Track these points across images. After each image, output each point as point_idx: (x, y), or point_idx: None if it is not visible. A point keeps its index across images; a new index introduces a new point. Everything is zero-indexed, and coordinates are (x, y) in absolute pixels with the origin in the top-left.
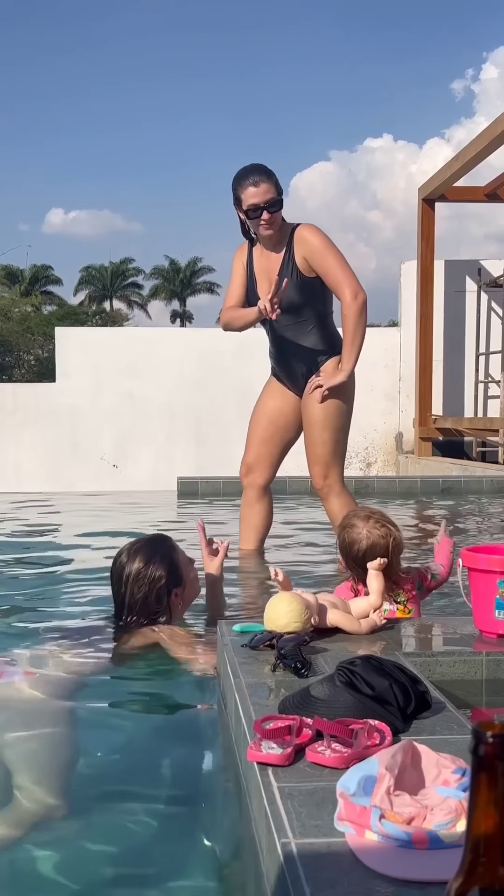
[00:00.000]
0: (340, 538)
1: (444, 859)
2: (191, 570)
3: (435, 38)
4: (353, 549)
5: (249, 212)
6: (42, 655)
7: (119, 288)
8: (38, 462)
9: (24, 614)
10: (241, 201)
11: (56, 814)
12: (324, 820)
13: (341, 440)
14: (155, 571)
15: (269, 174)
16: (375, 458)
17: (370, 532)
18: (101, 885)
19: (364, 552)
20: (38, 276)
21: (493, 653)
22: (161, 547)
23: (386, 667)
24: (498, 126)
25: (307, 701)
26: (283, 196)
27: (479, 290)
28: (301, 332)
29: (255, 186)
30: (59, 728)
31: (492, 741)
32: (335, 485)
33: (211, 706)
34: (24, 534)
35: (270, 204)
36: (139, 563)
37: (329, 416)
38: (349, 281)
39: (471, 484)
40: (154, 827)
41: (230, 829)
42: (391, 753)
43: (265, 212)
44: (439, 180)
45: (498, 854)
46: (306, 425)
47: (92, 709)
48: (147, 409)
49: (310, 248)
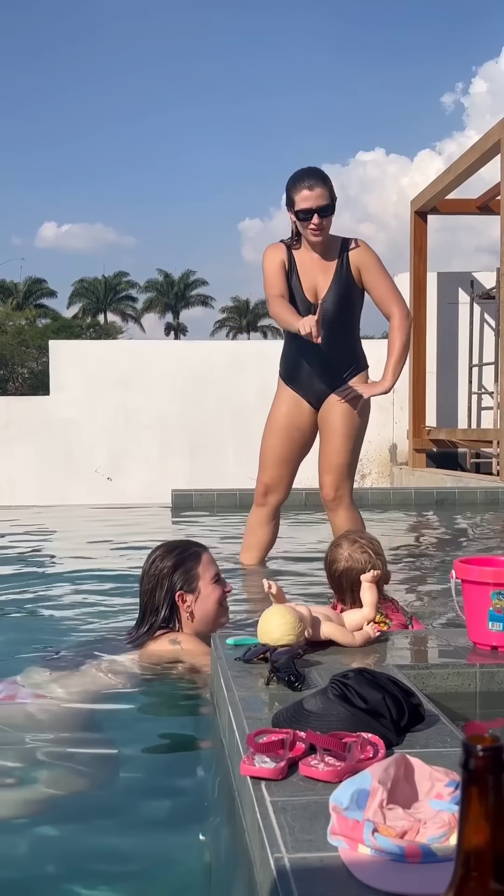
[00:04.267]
0: (327, 553)
1: (437, 873)
2: (210, 587)
3: (425, 52)
4: (332, 567)
5: (301, 214)
6: (47, 675)
7: (113, 301)
8: (32, 475)
9: (25, 630)
10: (294, 203)
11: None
12: (317, 834)
13: (357, 454)
14: (163, 564)
15: (324, 179)
16: (370, 470)
17: (350, 555)
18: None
19: (340, 573)
20: (32, 290)
21: (486, 665)
22: (182, 548)
23: (379, 680)
24: (489, 139)
25: (300, 714)
26: (335, 202)
27: (471, 302)
28: (336, 341)
29: (310, 190)
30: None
31: (482, 755)
32: (345, 497)
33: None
34: (19, 548)
35: (322, 209)
36: (155, 555)
37: (352, 427)
38: (401, 301)
39: (465, 495)
40: (146, 841)
41: (223, 843)
42: (384, 767)
43: (316, 216)
44: (431, 193)
45: (489, 868)
46: (327, 434)
47: (89, 725)
48: (141, 421)
49: (366, 262)
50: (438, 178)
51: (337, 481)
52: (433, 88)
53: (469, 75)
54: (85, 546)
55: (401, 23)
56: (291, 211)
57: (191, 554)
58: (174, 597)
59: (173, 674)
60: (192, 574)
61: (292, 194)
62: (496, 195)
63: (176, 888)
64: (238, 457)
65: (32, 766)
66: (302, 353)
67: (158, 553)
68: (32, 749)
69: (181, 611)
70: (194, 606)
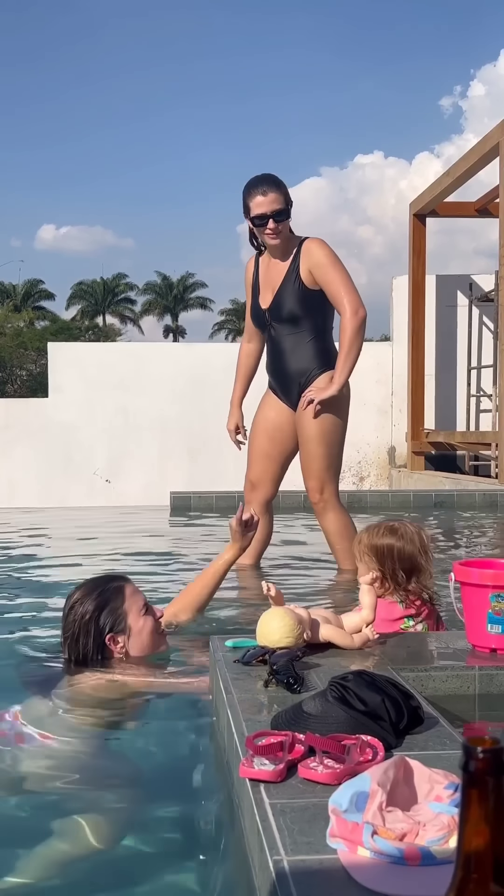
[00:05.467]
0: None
1: (436, 875)
2: (140, 620)
3: (423, 55)
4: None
5: (256, 220)
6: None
7: (112, 303)
8: (31, 477)
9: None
10: (250, 210)
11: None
12: (316, 836)
13: (337, 455)
14: (83, 609)
15: (277, 184)
16: (368, 473)
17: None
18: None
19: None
20: (31, 292)
21: (485, 667)
22: (102, 586)
23: (378, 682)
24: (487, 142)
25: (299, 717)
26: (290, 206)
27: (470, 305)
28: (298, 343)
29: (263, 195)
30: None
31: (482, 757)
32: (331, 499)
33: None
34: (15, 552)
35: (277, 213)
36: (73, 599)
37: (324, 430)
38: (351, 296)
39: (463, 498)
40: (144, 843)
41: (222, 845)
42: (383, 769)
43: (271, 220)
44: (430, 196)
45: (489, 870)
46: (302, 440)
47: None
48: (140, 423)
49: (316, 260)
50: (437, 181)
51: (319, 485)
52: (431, 91)
53: (467, 78)
54: (82, 548)
55: (399, 25)
56: (248, 218)
57: (113, 591)
58: (104, 640)
59: (170, 678)
60: (119, 613)
61: (247, 201)
62: (495, 198)
63: (174, 891)
64: (237, 459)
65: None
66: (272, 355)
67: (77, 597)
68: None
69: (115, 653)
70: (128, 645)
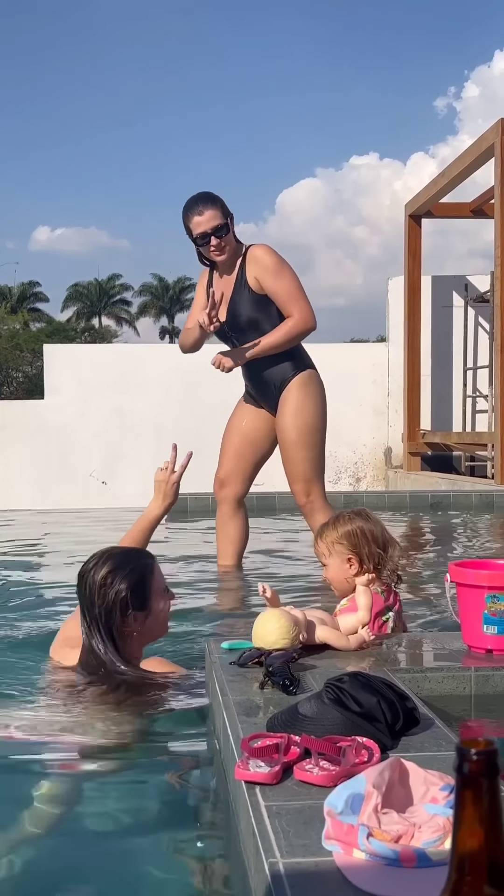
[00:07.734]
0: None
1: (432, 877)
2: (162, 601)
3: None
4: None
5: (198, 240)
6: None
7: (107, 305)
8: (27, 479)
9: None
10: (191, 231)
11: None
12: (311, 839)
13: (318, 456)
14: (119, 586)
15: (213, 200)
16: (364, 473)
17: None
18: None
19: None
20: (26, 294)
21: (481, 668)
22: (134, 561)
23: (374, 683)
24: (482, 143)
25: (295, 718)
26: (230, 220)
27: (465, 306)
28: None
29: (200, 215)
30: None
31: (476, 758)
32: (318, 500)
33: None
34: (13, 551)
35: (216, 230)
36: (105, 569)
37: (303, 434)
38: (301, 305)
39: (459, 498)
40: (140, 846)
41: (217, 848)
42: (379, 771)
43: (213, 237)
44: (425, 196)
45: (483, 872)
46: (282, 445)
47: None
48: (135, 425)
49: (260, 267)
50: (432, 182)
51: (305, 488)
52: (426, 92)
53: (462, 80)
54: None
55: (394, 27)
56: (191, 239)
57: (145, 567)
58: (128, 617)
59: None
60: (148, 591)
61: (187, 224)
62: (490, 199)
63: (170, 893)
64: None
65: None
66: (243, 368)
67: (107, 569)
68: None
69: (128, 629)
70: (142, 625)
